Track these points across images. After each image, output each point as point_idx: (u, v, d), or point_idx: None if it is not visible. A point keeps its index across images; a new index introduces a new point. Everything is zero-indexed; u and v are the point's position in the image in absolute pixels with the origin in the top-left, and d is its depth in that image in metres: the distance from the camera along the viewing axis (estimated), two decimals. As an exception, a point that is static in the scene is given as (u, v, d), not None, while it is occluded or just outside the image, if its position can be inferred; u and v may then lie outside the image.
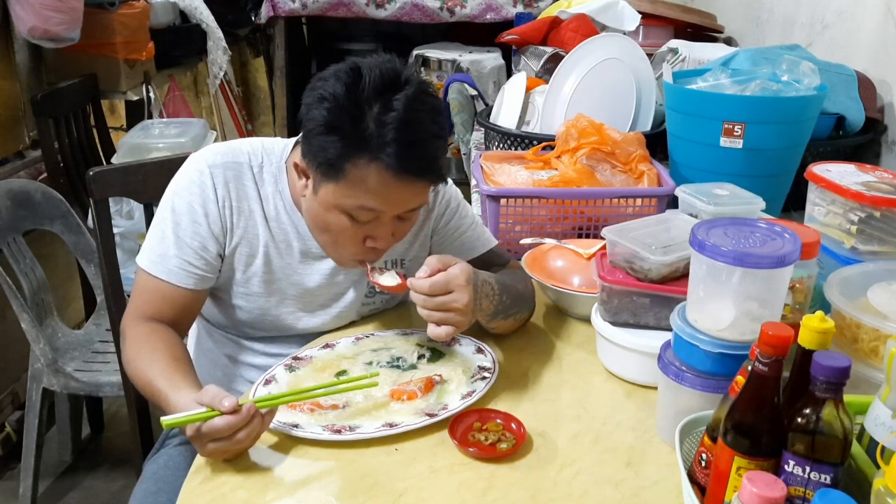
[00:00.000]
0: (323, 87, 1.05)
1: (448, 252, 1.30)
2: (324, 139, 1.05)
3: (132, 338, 1.15)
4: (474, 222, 1.36)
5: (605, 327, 1.13)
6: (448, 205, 1.32)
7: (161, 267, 1.16)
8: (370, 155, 1.04)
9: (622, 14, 2.38)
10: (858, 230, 1.20)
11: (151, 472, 1.27)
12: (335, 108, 1.04)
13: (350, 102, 1.04)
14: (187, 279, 1.17)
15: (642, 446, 0.99)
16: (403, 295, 1.33)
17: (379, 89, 1.04)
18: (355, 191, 1.07)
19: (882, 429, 0.77)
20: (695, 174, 1.57)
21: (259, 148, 1.22)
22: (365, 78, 1.04)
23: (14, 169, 2.50)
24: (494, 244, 1.37)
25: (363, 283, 1.29)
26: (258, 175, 1.20)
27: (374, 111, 1.03)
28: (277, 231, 1.22)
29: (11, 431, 2.36)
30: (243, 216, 1.19)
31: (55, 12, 2.42)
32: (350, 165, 1.05)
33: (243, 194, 1.19)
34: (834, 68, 1.70)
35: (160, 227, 1.18)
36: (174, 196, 1.18)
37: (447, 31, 4.00)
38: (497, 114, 2.04)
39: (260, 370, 1.26)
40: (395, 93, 1.04)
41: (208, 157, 1.19)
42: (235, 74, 4.25)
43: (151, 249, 1.18)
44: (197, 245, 1.17)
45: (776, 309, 0.90)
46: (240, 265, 1.21)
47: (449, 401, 1.06)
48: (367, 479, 0.93)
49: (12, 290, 1.85)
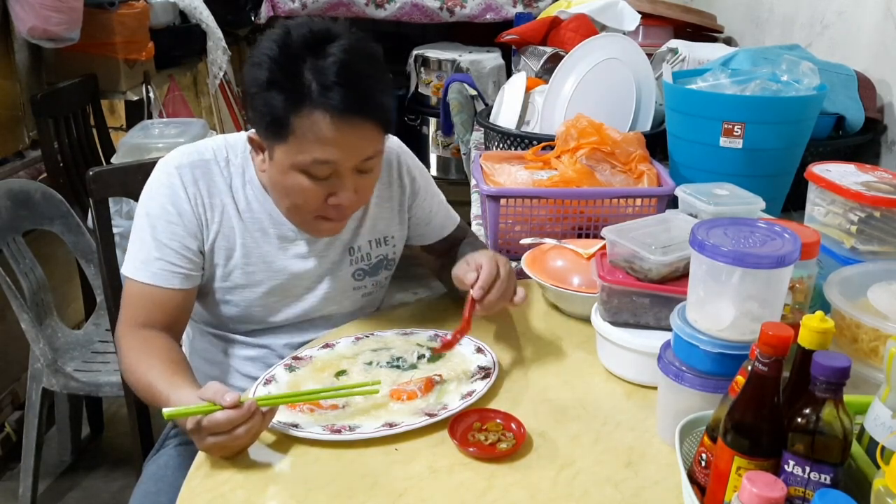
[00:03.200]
0: (257, 52, 1.09)
1: (422, 233, 1.40)
2: (265, 97, 1.07)
3: (128, 348, 1.16)
4: (441, 201, 1.43)
5: (605, 327, 1.13)
6: (415, 180, 1.36)
7: (145, 272, 1.17)
8: (312, 104, 1.06)
9: (622, 14, 2.38)
10: (858, 230, 1.20)
11: (151, 473, 1.27)
12: (271, 66, 1.07)
13: (284, 57, 1.07)
14: (172, 279, 1.18)
15: (642, 446, 0.99)
16: (387, 280, 1.40)
17: (310, 43, 1.07)
18: (305, 144, 1.08)
19: (882, 429, 0.77)
20: (695, 174, 1.57)
21: (222, 143, 1.25)
22: (293, 34, 1.08)
23: (14, 169, 2.50)
24: (458, 220, 1.45)
25: (346, 260, 1.30)
26: (225, 169, 1.22)
27: (309, 63, 1.06)
28: (251, 220, 1.23)
29: (11, 431, 2.36)
30: (216, 211, 1.21)
31: (55, 12, 2.42)
32: (295, 118, 1.07)
33: (214, 190, 1.21)
34: (834, 68, 1.70)
35: (138, 234, 1.19)
36: (147, 202, 1.20)
37: (447, 31, 4.00)
38: (497, 114, 2.04)
39: (255, 363, 1.27)
40: (328, 43, 1.07)
41: (175, 160, 1.21)
42: (235, 74, 4.25)
43: (134, 256, 1.19)
44: (177, 245, 1.18)
45: (776, 309, 0.90)
46: (220, 260, 1.23)
47: (449, 401, 1.06)
48: (367, 479, 0.93)
49: (12, 290, 1.85)
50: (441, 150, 3.73)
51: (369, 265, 1.33)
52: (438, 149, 3.73)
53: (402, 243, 1.38)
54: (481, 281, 1.14)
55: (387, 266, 1.36)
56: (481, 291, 1.13)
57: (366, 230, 1.31)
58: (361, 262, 1.32)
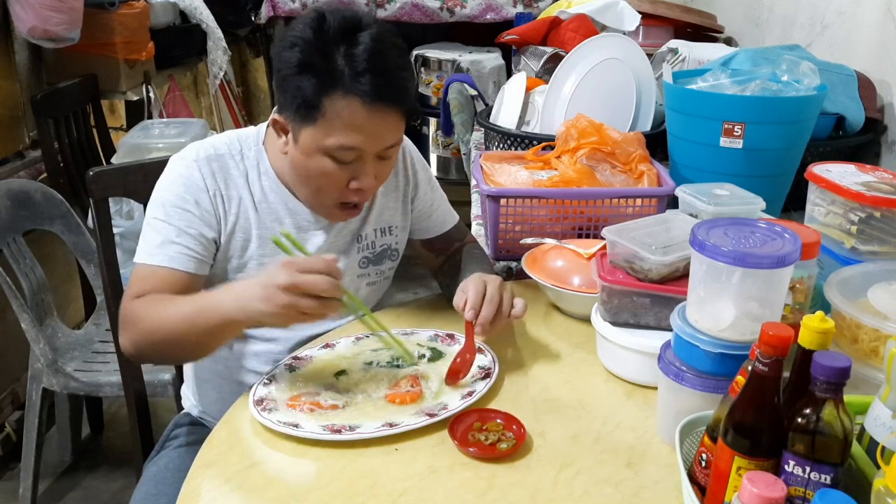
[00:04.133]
0: (292, 34, 1.12)
1: (423, 226, 1.42)
2: (298, 80, 1.10)
3: (140, 312, 1.13)
4: (443, 197, 1.45)
5: (605, 327, 1.13)
6: (418, 172, 1.38)
7: (161, 255, 1.17)
8: (344, 89, 1.09)
9: (622, 14, 2.38)
10: (858, 230, 1.20)
11: (151, 474, 1.27)
12: (306, 49, 1.10)
13: (319, 41, 1.10)
14: (188, 263, 1.18)
15: (642, 446, 0.99)
16: (391, 271, 1.40)
17: (343, 30, 1.10)
18: (334, 128, 1.11)
19: (882, 429, 0.77)
20: (695, 174, 1.57)
21: (234, 138, 1.27)
22: (329, 20, 1.10)
23: (14, 169, 2.51)
24: (458, 219, 1.48)
25: (353, 247, 1.32)
26: (241, 162, 1.24)
27: (342, 49, 1.09)
28: (267, 211, 1.24)
29: (11, 431, 2.36)
30: (234, 203, 1.22)
31: (55, 12, 2.42)
32: (326, 101, 1.09)
33: (231, 182, 1.22)
34: (834, 68, 1.70)
35: (152, 225, 1.19)
36: (163, 193, 1.20)
37: (447, 31, 3.99)
38: (497, 114, 2.03)
39: (260, 358, 1.27)
40: (359, 32, 1.10)
41: (192, 154, 1.23)
42: (235, 74, 4.25)
43: (148, 244, 1.18)
44: (194, 231, 1.18)
45: (776, 309, 0.90)
46: (236, 251, 1.24)
47: (449, 401, 1.06)
48: (367, 479, 0.93)
49: (12, 291, 1.85)
50: (441, 150, 3.72)
51: (374, 254, 1.34)
52: (438, 149, 3.73)
53: (404, 235, 1.39)
54: (470, 303, 1.15)
55: (391, 256, 1.37)
56: (473, 312, 1.15)
57: (373, 219, 1.33)
58: (367, 251, 1.33)
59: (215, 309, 1.06)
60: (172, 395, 1.83)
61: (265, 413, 1.03)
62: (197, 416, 1.38)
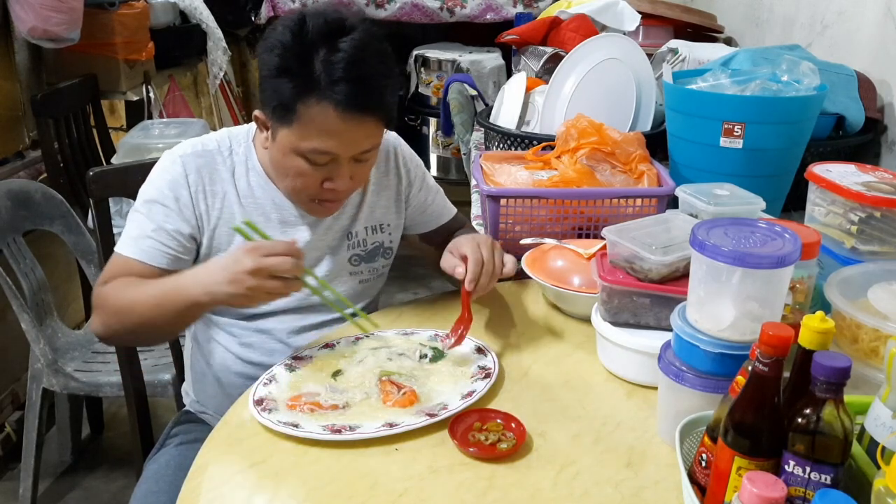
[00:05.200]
0: (272, 36, 1.13)
1: (421, 221, 1.43)
2: (276, 82, 1.12)
3: (109, 294, 1.17)
4: (438, 191, 1.47)
5: (605, 327, 1.13)
6: (410, 170, 1.39)
7: (135, 248, 1.20)
8: (319, 94, 1.10)
9: (622, 14, 2.38)
10: (858, 230, 1.20)
11: (152, 472, 1.27)
12: (284, 53, 1.11)
13: (297, 46, 1.10)
14: (161, 259, 1.20)
15: (642, 446, 0.99)
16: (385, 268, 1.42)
17: (324, 34, 1.10)
18: (308, 132, 1.13)
19: (882, 429, 0.77)
20: (695, 174, 1.57)
21: (225, 135, 1.29)
22: (308, 24, 1.11)
23: (14, 169, 2.50)
24: (455, 211, 1.50)
25: (343, 245, 1.33)
26: (228, 158, 1.26)
27: (321, 54, 1.10)
28: (252, 205, 1.26)
29: (11, 431, 2.36)
30: (218, 198, 1.24)
31: (55, 12, 2.42)
32: (302, 106, 1.10)
33: (217, 178, 1.24)
34: (834, 68, 1.70)
35: (133, 217, 1.22)
36: (147, 187, 1.23)
37: (447, 31, 3.99)
38: (497, 114, 2.03)
39: (254, 349, 1.27)
40: (342, 36, 1.10)
41: (180, 150, 1.25)
42: (235, 74, 4.25)
43: (127, 234, 1.22)
44: (170, 227, 1.21)
45: (776, 309, 0.90)
46: (222, 244, 1.25)
47: (449, 401, 1.06)
48: (367, 479, 0.93)
49: (12, 291, 1.85)
50: (441, 150, 3.73)
51: (365, 251, 1.35)
52: (438, 149, 3.73)
53: (398, 232, 1.40)
54: (470, 274, 1.18)
55: (384, 254, 1.38)
56: (473, 284, 1.18)
57: (363, 216, 1.34)
58: (358, 248, 1.34)
59: (181, 293, 1.10)
60: (172, 395, 1.83)
61: (265, 413, 1.03)
62: (197, 411, 1.39)
